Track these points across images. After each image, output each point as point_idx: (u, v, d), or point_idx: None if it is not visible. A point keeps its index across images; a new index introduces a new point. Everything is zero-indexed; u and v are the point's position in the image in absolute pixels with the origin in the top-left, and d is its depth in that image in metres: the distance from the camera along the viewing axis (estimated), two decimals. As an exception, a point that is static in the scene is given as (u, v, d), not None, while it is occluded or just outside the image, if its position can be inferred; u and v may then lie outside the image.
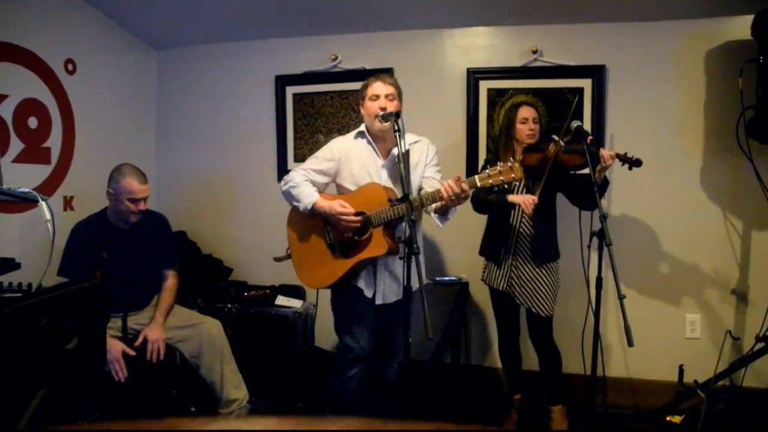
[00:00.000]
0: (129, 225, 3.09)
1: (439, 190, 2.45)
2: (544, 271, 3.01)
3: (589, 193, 2.68)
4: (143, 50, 4.23)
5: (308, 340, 3.75)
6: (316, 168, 2.78)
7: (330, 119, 4.01)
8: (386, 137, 2.74)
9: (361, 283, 2.75)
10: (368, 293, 2.74)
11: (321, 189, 2.80)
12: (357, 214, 2.61)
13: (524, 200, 2.83)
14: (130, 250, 3.10)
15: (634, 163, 2.82)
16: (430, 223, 2.82)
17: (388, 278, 2.74)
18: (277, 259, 2.96)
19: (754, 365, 3.21)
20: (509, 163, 2.38)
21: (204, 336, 3.10)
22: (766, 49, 3.02)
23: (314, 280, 2.82)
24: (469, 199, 3.04)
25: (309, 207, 2.66)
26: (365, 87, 2.73)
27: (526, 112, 3.03)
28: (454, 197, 2.40)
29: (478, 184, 2.42)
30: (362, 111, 2.77)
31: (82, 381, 2.16)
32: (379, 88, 2.68)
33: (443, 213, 2.60)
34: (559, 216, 3.16)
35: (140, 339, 2.99)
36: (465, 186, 2.39)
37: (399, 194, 2.62)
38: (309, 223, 2.78)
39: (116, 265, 2.99)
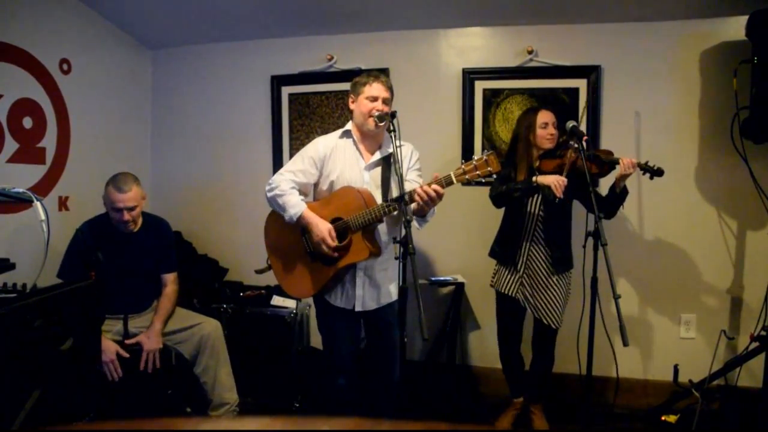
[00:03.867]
0: (128, 229, 3.09)
1: (414, 190, 2.43)
2: (558, 281, 3.01)
3: (609, 201, 2.68)
4: (138, 50, 4.22)
5: (304, 340, 3.76)
6: (301, 168, 2.66)
7: (326, 119, 4.01)
8: (374, 138, 2.69)
9: (339, 297, 2.69)
10: (347, 305, 2.69)
11: (307, 191, 2.72)
12: (334, 219, 2.56)
13: (555, 181, 2.76)
14: (130, 253, 3.09)
15: (656, 172, 2.78)
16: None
17: (368, 285, 2.67)
18: (258, 272, 2.87)
19: (749, 365, 3.22)
20: (484, 157, 2.35)
21: (203, 335, 3.11)
22: (760, 49, 3.03)
23: (298, 290, 2.77)
24: (489, 195, 3.02)
25: (294, 219, 2.57)
26: (363, 84, 2.62)
27: (545, 117, 3.01)
28: (428, 200, 2.39)
29: (454, 181, 2.40)
30: (353, 107, 2.68)
31: (77, 381, 2.16)
32: (379, 90, 2.60)
33: (421, 215, 2.58)
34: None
35: (134, 340, 2.98)
36: (437, 188, 2.39)
37: (378, 198, 2.60)
38: (286, 231, 2.70)
39: (116, 267, 2.99)
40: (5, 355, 1.72)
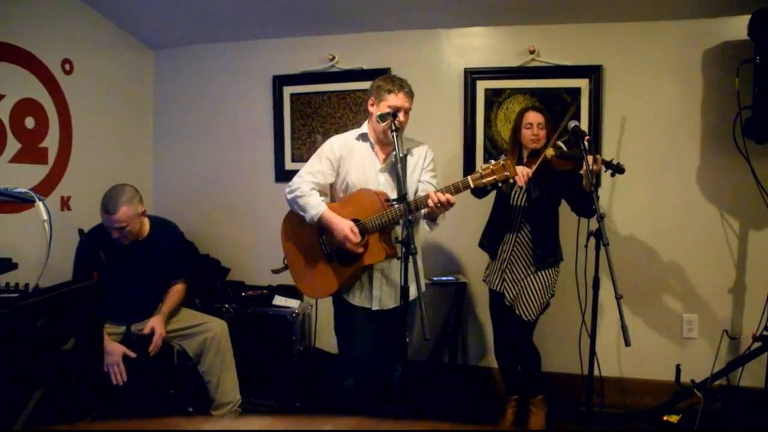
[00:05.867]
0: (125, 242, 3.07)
1: (427, 195, 2.45)
2: (539, 276, 3.00)
3: (582, 200, 2.68)
4: (141, 50, 4.22)
5: (306, 340, 3.76)
6: (319, 169, 2.68)
7: (327, 119, 4.01)
8: (389, 141, 2.66)
9: (357, 296, 2.71)
10: (365, 303, 2.70)
11: (325, 192, 2.74)
12: (351, 221, 2.57)
13: (520, 171, 2.77)
14: (134, 262, 3.05)
15: (617, 169, 2.80)
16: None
17: (385, 284, 2.70)
18: (275, 271, 2.89)
19: (751, 365, 3.21)
20: (501, 162, 2.39)
21: (209, 335, 3.10)
22: (763, 49, 3.02)
23: (315, 291, 2.80)
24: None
25: (315, 219, 2.59)
26: (387, 92, 2.59)
27: (531, 117, 3.02)
28: (439, 205, 2.43)
29: (472, 186, 2.44)
30: (372, 110, 2.65)
31: (80, 381, 2.16)
32: (403, 101, 2.59)
33: (432, 219, 2.60)
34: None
35: (148, 328, 2.95)
36: (450, 197, 2.43)
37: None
38: (303, 231, 2.73)
39: (122, 273, 2.96)
40: (8, 354, 1.72)
